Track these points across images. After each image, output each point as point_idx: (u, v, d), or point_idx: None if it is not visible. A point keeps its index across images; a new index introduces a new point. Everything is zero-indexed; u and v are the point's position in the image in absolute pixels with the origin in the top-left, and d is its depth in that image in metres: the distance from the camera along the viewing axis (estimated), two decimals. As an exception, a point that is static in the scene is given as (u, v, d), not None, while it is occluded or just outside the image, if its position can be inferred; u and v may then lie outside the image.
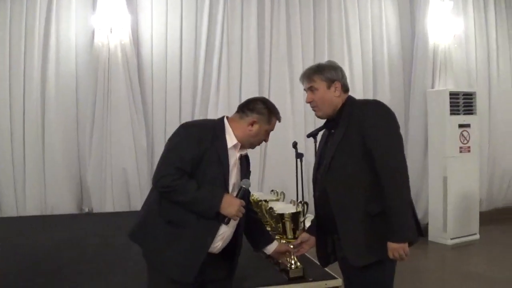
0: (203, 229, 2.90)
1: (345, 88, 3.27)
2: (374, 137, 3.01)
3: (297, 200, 3.52)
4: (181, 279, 2.89)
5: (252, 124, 3.07)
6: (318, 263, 3.51)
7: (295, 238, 3.63)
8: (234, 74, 7.68)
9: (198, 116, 7.32)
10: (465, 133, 8.02)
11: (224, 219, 2.91)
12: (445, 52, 8.39)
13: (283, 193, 4.11)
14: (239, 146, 3.08)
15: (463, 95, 8.09)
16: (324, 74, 3.22)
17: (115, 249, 4.40)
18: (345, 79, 3.29)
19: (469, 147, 8.06)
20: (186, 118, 7.13)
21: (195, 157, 2.87)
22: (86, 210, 7.05)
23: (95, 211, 6.91)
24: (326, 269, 3.59)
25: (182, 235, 2.87)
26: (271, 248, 3.38)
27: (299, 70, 7.49)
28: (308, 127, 7.34)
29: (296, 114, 7.81)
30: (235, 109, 7.92)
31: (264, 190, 6.73)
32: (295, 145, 3.56)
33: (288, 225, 3.60)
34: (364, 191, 3.06)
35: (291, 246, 3.45)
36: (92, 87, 6.90)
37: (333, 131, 3.25)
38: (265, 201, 3.91)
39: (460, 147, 7.99)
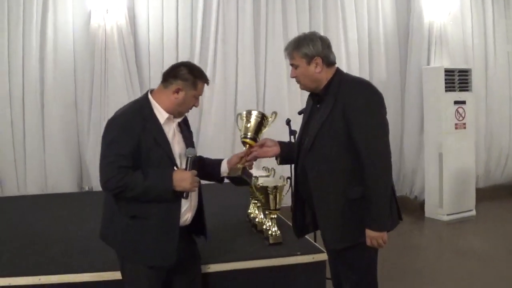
0: (167, 212, 2.92)
1: (328, 62, 3.15)
2: (357, 122, 2.96)
3: (291, 175, 3.55)
4: (164, 264, 2.94)
5: (177, 91, 2.98)
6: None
7: (276, 209, 3.73)
8: (230, 50, 7.70)
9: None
10: (460, 110, 8.04)
11: (183, 194, 2.92)
12: (441, 29, 8.41)
13: (273, 169, 4.17)
14: (172, 117, 3.03)
15: (459, 72, 8.10)
16: (301, 50, 3.14)
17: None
18: (328, 51, 3.16)
19: (464, 124, 8.08)
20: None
21: (132, 149, 2.82)
22: (86, 188, 7.14)
23: (95, 189, 6.95)
24: (314, 243, 3.66)
25: (149, 225, 2.89)
26: (224, 168, 3.36)
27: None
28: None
29: (292, 92, 7.81)
30: (231, 84, 7.90)
31: (260, 167, 6.81)
32: (288, 122, 3.59)
33: (271, 197, 3.66)
34: (344, 175, 3.03)
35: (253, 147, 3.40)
36: (89, 68, 6.97)
37: (318, 105, 3.21)
38: (255, 177, 3.98)
39: (456, 124, 8.02)
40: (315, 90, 3.22)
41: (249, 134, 3.41)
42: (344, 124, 2.98)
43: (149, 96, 3.05)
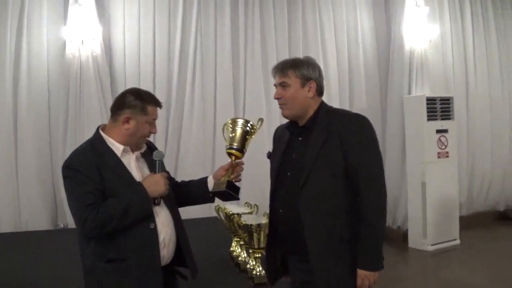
0: (146, 246, 2.73)
1: (320, 90, 3.00)
2: (358, 157, 2.82)
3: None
4: None
5: (126, 121, 2.81)
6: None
7: (260, 248, 3.56)
8: (208, 80, 7.60)
9: (172, 125, 7.32)
10: (442, 139, 7.98)
11: (155, 201, 2.77)
12: (422, 57, 8.35)
13: (256, 206, 4.04)
14: (129, 149, 2.87)
15: (440, 100, 8.06)
16: (300, 70, 2.93)
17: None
18: (322, 80, 3.02)
19: (447, 152, 8.02)
20: (161, 126, 7.00)
21: (96, 185, 2.66)
22: (61, 225, 6.89)
23: (70, 226, 6.69)
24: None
25: (128, 266, 2.69)
26: (211, 184, 3.13)
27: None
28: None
29: (272, 120, 7.67)
30: (210, 115, 7.79)
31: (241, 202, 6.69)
32: (269, 155, 3.45)
33: (255, 236, 3.51)
34: (340, 214, 2.86)
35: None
36: (64, 99, 6.77)
37: (300, 138, 3.01)
38: (238, 214, 3.83)
39: (438, 153, 7.96)
40: (297, 119, 3.03)
41: (234, 144, 3.15)
42: (340, 158, 2.83)
43: (100, 131, 2.89)
